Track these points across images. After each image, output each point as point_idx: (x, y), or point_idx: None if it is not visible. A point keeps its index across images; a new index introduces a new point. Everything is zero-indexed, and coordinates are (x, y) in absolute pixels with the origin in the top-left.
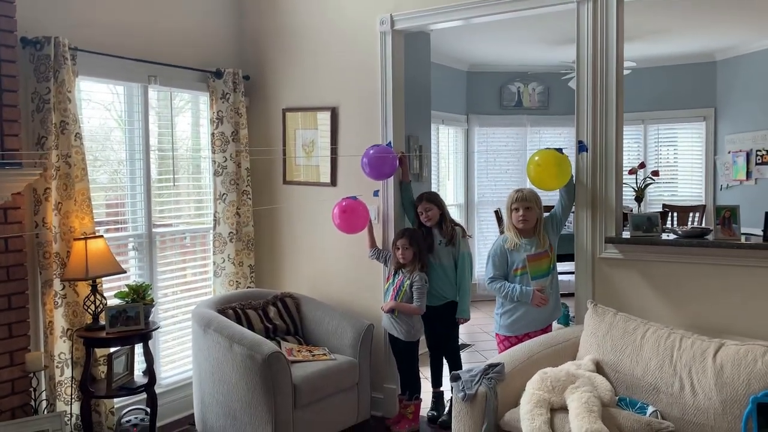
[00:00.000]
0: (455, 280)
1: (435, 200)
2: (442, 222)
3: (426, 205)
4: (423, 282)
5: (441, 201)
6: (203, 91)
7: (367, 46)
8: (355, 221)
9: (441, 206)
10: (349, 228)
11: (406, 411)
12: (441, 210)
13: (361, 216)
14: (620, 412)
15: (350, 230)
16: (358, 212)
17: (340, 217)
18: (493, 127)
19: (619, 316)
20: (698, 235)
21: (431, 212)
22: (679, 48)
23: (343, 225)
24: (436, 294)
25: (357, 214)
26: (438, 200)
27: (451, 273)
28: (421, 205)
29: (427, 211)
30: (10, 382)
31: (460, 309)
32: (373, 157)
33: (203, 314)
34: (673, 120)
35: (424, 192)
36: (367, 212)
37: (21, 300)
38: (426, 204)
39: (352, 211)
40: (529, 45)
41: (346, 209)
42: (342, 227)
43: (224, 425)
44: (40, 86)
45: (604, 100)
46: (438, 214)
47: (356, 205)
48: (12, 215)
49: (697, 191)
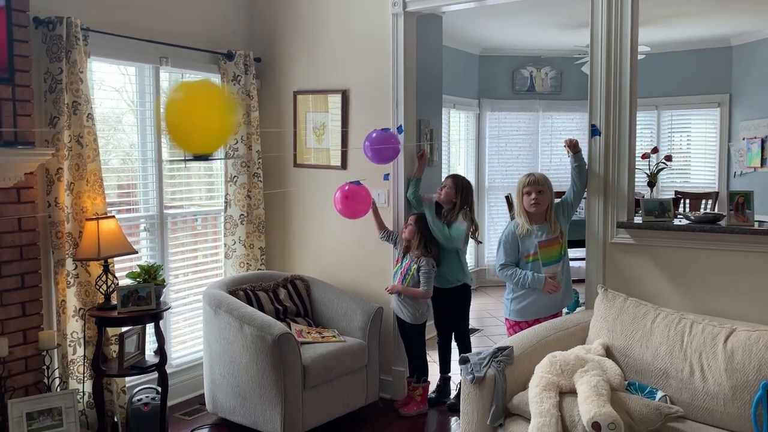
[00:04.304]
0: (465, 266)
1: (457, 183)
2: (456, 206)
3: (446, 182)
4: (430, 266)
5: (462, 188)
6: (214, 72)
7: (378, 28)
8: (357, 207)
9: (459, 191)
10: (351, 214)
11: (414, 393)
12: (457, 194)
13: (363, 201)
14: (629, 396)
15: (352, 216)
16: (361, 197)
17: (342, 203)
18: (505, 112)
19: (630, 301)
20: (711, 220)
21: (447, 190)
22: (695, 33)
23: (345, 210)
24: (447, 277)
25: (359, 200)
26: (460, 185)
27: (462, 256)
28: (446, 180)
29: (444, 188)
30: (23, 360)
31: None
32: (376, 146)
33: (214, 295)
34: (687, 106)
35: (460, 175)
36: (369, 197)
37: (34, 279)
38: (446, 181)
39: (354, 196)
40: (542, 29)
41: (348, 194)
42: (344, 213)
43: (234, 405)
44: (52, 66)
45: (617, 85)
46: (452, 195)
47: (359, 190)
48: (25, 195)
49: (710, 178)
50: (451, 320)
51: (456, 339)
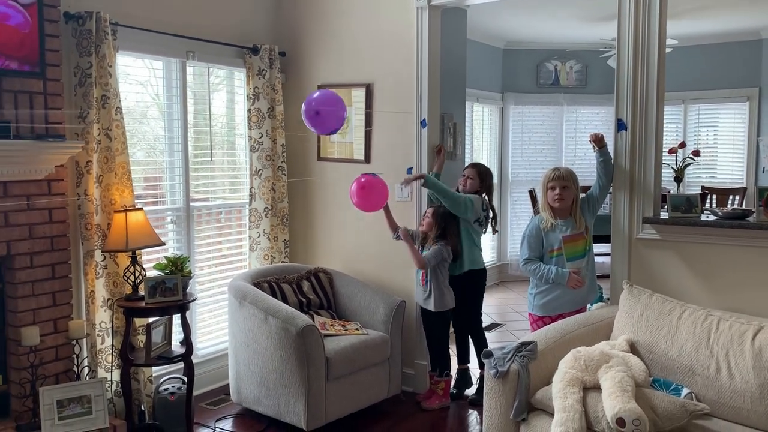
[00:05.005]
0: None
1: (481, 173)
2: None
3: (470, 172)
4: (442, 247)
5: (486, 177)
6: (240, 67)
7: (403, 22)
8: (374, 200)
9: (483, 181)
10: (369, 206)
11: (436, 387)
12: (481, 184)
13: (380, 193)
14: (654, 393)
15: (370, 208)
16: (377, 189)
17: (358, 195)
18: (528, 106)
19: (655, 297)
20: (739, 216)
21: (471, 181)
22: (724, 25)
23: (362, 203)
24: (464, 262)
25: (376, 191)
26: (483, 174)
27: (477, 241)
28: (468, 170)
29: (468, 177)
30: (54, 349)
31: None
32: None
33: (239, 287)
34: (715, 100)
35: (481, 163)
36: (386, 189)
37: (64, 269)
38: (471, 170)
39: (371, 187)
40: (567, 22)
41: (366, 185)
42: (360, 205)
43: (258, 396)
44: (82, 60)
45: (645, 79)
46: (476, 186)
47: (375, 182)
48: (55, 187)
49: (737, 174)
50: (464, 310)
51: (470, 334)
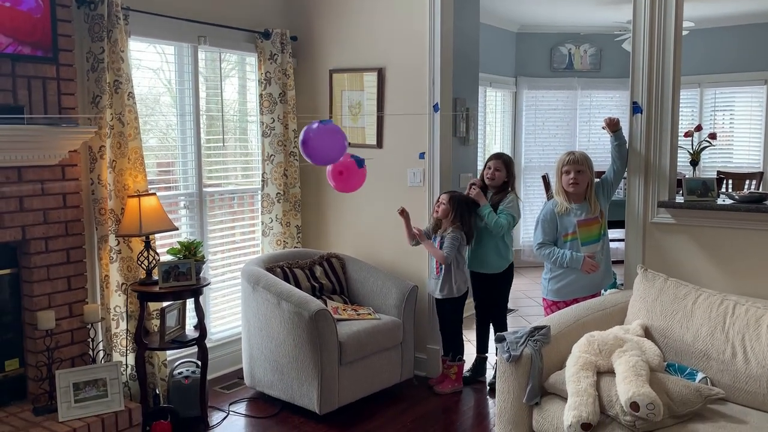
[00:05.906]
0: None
1: (507, 163)
2: (509, 185)
3: (496, 164)
4: (458, 235)
5: (511, 166)
6: (251, 51)
7: (415, 5)
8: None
9: (509, 171)
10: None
11: (449, 372)
12: (508, 175)
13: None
14: (669, 377)
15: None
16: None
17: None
18: (542, 90)
19: (670, 281)
20: (756, 200)
21: (499, 173)
22: (741, 7)
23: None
24: (489, 261)
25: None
26: (509, 165)
27: (507, 238)
28: (492, 161)
29: (495, 169)
30: (69, 333)
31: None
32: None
33: (252, 272)
34: (732, 83)
35: (503, 153)
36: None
37: (78, 254)
38: (496, 162)
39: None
40: (581, 5)
41: (343, 170)
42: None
43: (272, 380)
44: (94, 46)
45: (660, 62)
46: (503, 178)
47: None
48: (69, 172)
49: (754, 158)
50: (490, 302)
51: (493, 320)
